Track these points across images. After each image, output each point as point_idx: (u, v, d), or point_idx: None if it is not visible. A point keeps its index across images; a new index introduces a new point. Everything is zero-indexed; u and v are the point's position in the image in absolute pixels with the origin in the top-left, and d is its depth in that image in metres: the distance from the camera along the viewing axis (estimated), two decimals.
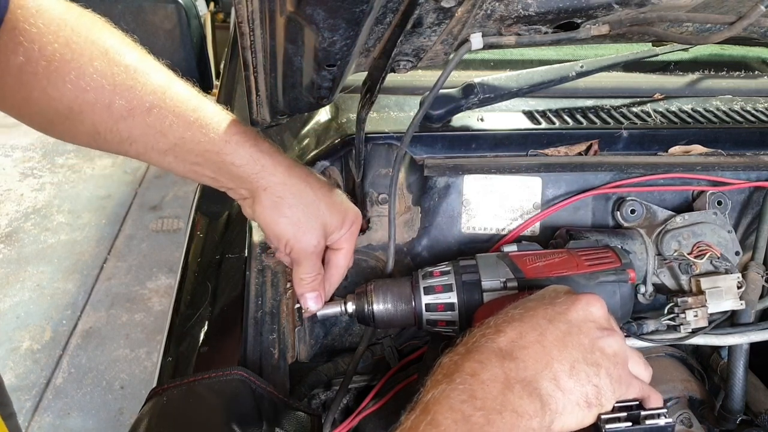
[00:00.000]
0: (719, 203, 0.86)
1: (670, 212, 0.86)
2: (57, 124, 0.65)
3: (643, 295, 0.81)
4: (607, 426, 0.52)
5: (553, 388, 0.50)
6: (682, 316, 0.77)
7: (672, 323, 0.78)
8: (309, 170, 0.74)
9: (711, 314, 0.78)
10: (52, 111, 0.63)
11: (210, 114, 0.67)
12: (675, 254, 0.81)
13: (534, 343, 0.52)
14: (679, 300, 0.77)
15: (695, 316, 0.76)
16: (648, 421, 0.53)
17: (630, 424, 0.52)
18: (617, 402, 0.53)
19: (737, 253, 0.82)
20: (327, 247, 0.76)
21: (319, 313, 0.76)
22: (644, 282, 0.80)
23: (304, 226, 0.70)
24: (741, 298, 0.79)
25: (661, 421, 0.53)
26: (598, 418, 0.52)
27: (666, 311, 0.79)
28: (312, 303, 0.74)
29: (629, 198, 0.86)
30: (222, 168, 0.67)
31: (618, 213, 0.86)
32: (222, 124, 0.67)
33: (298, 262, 0.73)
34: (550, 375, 0.50)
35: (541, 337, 0.52)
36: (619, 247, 0.78)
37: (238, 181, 0.69)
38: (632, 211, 0.85)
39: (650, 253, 0.80)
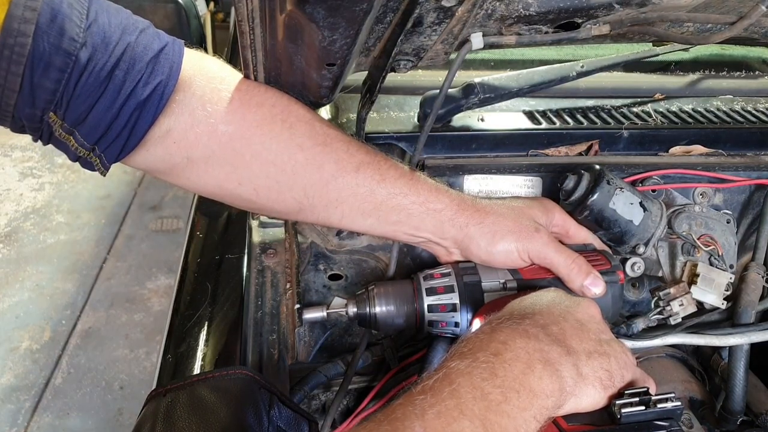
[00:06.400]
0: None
1: (689, 201, 0.87)
2: (264, 191, 0.66)
3: (634, 264, 0.82)
4: (623, 410, 0.54)
5: (574, 373, 0.54)
6: (669, 308, 0.78)
7: (660, 316, 0.79)
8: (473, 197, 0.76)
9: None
10: (264, 176, 0.65)
11: (407, 169, 0.70)
12: (683, 233, 0.83)
13: (556, 333, 0.57)
14: (661, 293, 0.79)
15: (681, 305, 0.78)
16: (659, 405, 0.55)
17: (643, 408, 0.55)
18: (627, 389, 0.56)
19: (731, 266, 0.84)
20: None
21: (304, 317, 0.76)
22: (646, 244, 0.81)
23: (525, 233, 0.71)
24: (726, 300, 0.79)
25: (670, 405, 0.55)
26: (613, 403, 0.55)
27: (653, 305, 0.80)
28: (597, 289, 0.71)
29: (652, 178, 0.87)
30: (425, 219, 0.70)
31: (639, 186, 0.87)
32: (417, 174, 0.70)
33: (550, 262, 0.72)
34: (571, 361, 0.55)
35: (561, 329, 0.57)
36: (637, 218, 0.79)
37: (440, 228, 0.71)
38: (652, 190, 0.86)
39: (663, 220, 0.81)
